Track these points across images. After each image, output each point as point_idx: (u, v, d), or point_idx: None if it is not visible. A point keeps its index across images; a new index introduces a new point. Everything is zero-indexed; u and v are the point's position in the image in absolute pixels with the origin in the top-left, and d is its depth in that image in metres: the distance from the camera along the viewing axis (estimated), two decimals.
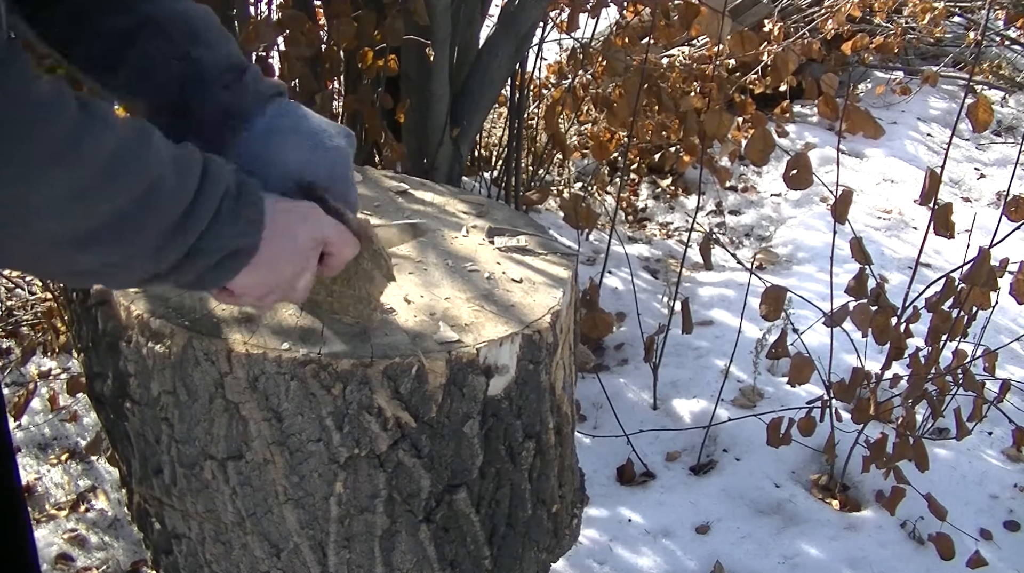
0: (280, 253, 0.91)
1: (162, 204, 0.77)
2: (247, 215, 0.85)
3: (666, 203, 4.15)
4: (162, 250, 0.79)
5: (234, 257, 0.86)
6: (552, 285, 1.27)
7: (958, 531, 2.13)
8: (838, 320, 2.07)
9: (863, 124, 2.02)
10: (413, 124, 2.63)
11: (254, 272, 0.89)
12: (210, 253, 0.83)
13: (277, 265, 0.91)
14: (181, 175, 0.79)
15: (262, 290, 0.92)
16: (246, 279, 0.89)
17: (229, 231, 0.83)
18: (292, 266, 0.93)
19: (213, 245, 0.82)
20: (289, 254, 0.92)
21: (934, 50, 5.61)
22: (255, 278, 0.89)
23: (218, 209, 0.81)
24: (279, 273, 0.92)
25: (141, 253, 0.78)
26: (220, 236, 0.82)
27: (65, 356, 2.68)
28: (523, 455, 1.22)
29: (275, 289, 0.94)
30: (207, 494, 1.14)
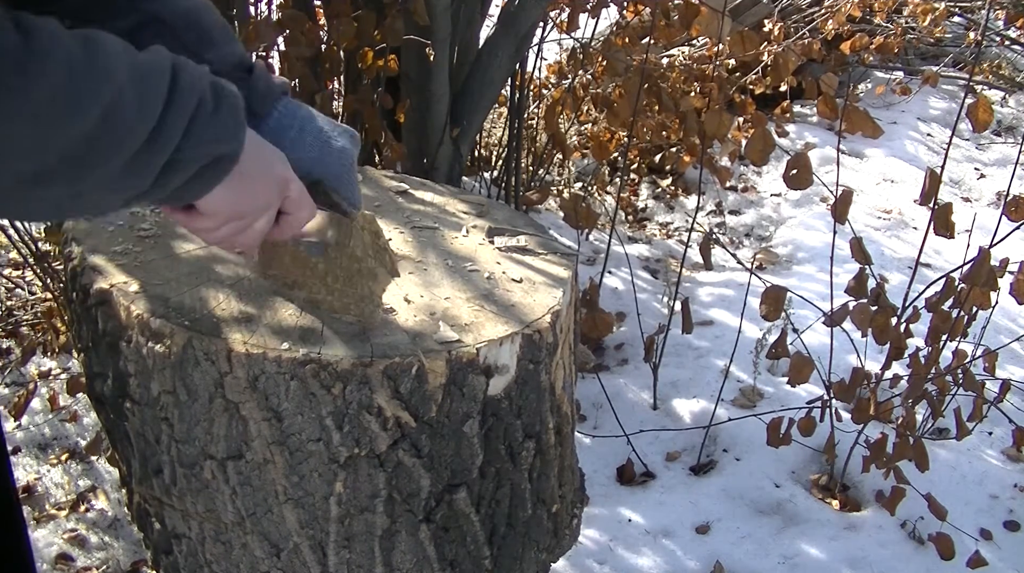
0: (256, 175, 0.88)
1: (124, 123, 0.71)
2: (226, 122, 0.81)
3: (666, 203, 4.15)
4: (133, 170, 0.75)
5: (216, 165, 0.82)
6: (552, 285, 1.27)
7: (958, 531, 2.13)
8: (838, 320, 2.07)
9: (862, 124, 2.02)
10: (413, 124, 2.63)
11: (228, 191, 0.85)
12: (187, 163, 0.78)
13: (252, 188, 0.88)
14: (143, 88, 0.73)
15: (230, 214, 0.88)
16: (218, 198, 0.85)
17: (209, 137, 0.78)
18: (263, 194, 0.90)
19: (191, 154, 0.77)
20: (262, 179, 0.89)
21: (934, 50, 5.61)
22: (228, 198, 0.85)
23: (193, 117, 0.76)
24: (250, 197, 0.88)
25: (111, 178, 0.74)
26: (199, 144, 0.78)
27: (65, 356, 2.68)
28: (523, 455, 1.22)
29: (239, 216, 0.89)
30: (207, 494, 1.14)
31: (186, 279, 1.16)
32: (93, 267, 1.16)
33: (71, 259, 1.21)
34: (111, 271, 1.16)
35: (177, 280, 1.16)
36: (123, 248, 1.22)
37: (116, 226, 1.28)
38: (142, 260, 1.20)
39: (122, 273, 1.16)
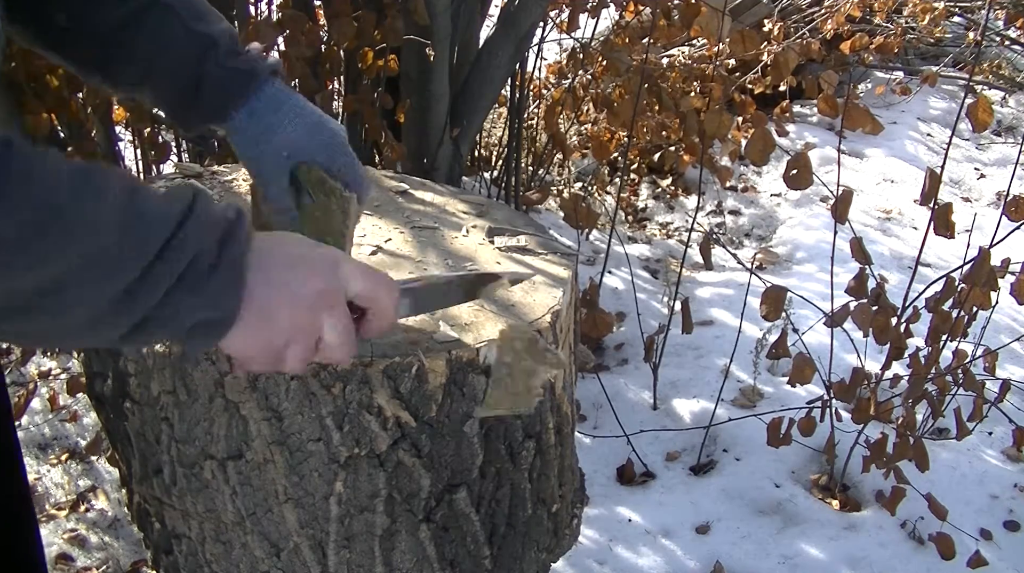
0: (273, 310, 0.78)
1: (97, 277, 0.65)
2: (218, 286, 0.73)
3: (666, 203, 4.15)
4: (100, 325, 0.68)
5: (205, 328, 0.74)
6: (552, 285, 1.27)
7: (958, 531, 2.13)
8: (839, 320, 2.07)
9: (862, 120, 2.02)
10: (413, 124, 2.63)
11: (246, 335, 0.77)
12: (170, 325, 0.71)
13: (273, 323, 0.78)
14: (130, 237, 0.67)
15: (268, 353, 0.80)
16: (239, 344, 0.78)
17: (190, 303, 0.71)
18: (295, 320, 0.79)
19: (171, 314, 0.70)
20: (286, 310, 0.79)
21: (934, 50, 5.61)
22: (250, 341, 0.78)
23: (180, 277, 0.70)
24: (279, 331, 0.79)
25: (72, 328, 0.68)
26: (178, 309, 0.70)
27: (65, 356, 2.68)
28: (523, 455, 1.22)
29: (284, 349, 0.81)
30: (207, 494, 1.14)
31: None
32: None
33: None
34: None
35: None
36: None
37: None
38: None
39: None
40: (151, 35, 1.00)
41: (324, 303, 0.81)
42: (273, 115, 1.04)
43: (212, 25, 1.03)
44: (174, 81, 1.02)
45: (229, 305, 0.74)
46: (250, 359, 0.81)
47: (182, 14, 1.01)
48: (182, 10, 1.01)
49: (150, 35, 1.00)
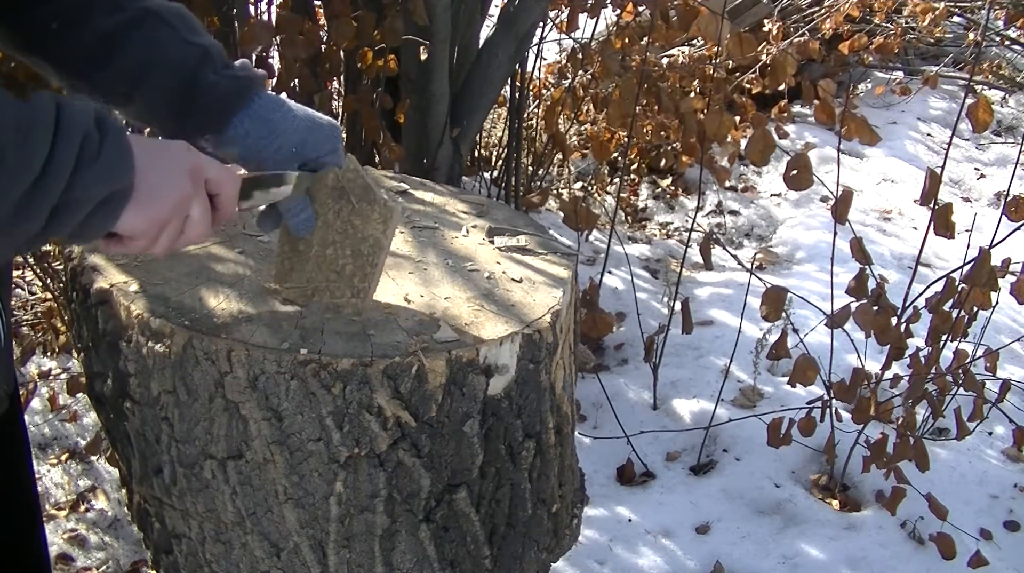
0: (160, 182, 0.87)
1: (7, 168, 0.74)
2: (112, 157, 0.82)
3: (666, 203, 4.15)
4: (22, 215, 0.76)
5: (108, 202, 0.83)
6: (552, 285, 1.27)
7: (958, 531, 2.13)
8: (840, 321, 2.07)
9: (860, 130, 2.02)
10: (413, 124, 2.63)
11: (138, 210, 0.85)
12: (80, 204, 0.79)
13: (161, 196, 0.87)
14: (26, 138, 0.75)
15: (153, 228, 0.88)
16: (132, 220, 0.86)
17: (95, 178, 0.80)
18: (178, 192, 0.89)
19: (80, 195, 0.79)
20: (170, 181, 0.89)
21: (934, 50, 5.61)
22: (141, 216, 0.86)
23: (78, 158, 0.78)
24: (165, 203, 0.88)
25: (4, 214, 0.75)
26: (87, 186, 0.79)
27: (65, 356, 2.68)
28: (523, 455, 1.22)
29: (167, 223, 0.89)
30: (207, 494, 1.14)
31: (186, 279, 1.16)
32: (93, 267, 1.16)
33: (71, 259, 1.21)
34: (111, 271, 1.16)
35: (177, 280, 1.16)
36: None
37: None
38: (142, 260, 1.19)
39: (122, 273, 1.16)
40: (144, 44, 1.01)
41: (197, 178, 0.91)
42: (274, 115, 1.05)
43: (204, 37, 1.05)
44: (168, 90, 1.02)
45: (125, 174, 0.83)
46: (138, 234, 0.87)
47: (175, 25, 1.02)
48: (175, 21, 1.03)
49: (143, 44, 1.01)
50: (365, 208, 1.08)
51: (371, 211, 1.08)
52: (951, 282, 2.04)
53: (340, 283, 1.11)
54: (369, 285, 1.11)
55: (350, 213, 1.09)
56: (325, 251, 1.11)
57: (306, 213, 1.09)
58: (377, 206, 1.08)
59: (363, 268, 1.10)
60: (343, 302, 1.11)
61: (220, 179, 0.95)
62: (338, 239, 1.10)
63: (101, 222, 0.83)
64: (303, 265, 1.12)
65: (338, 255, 1.10)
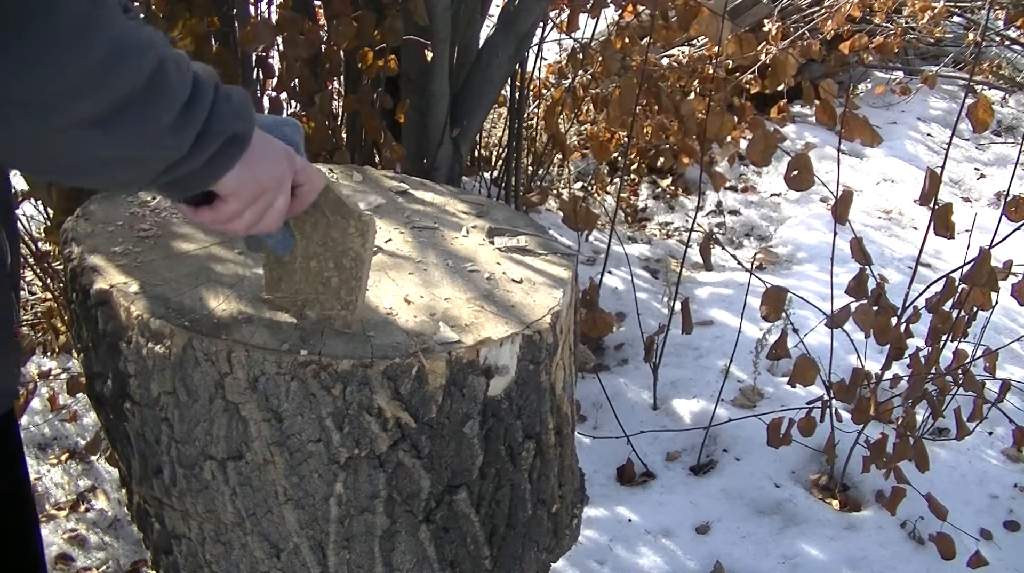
0: (267, 151, 0.94)
1: (171, 82, 0.81)
2: (240, 101, 0.89)
3: (666, 203, 4.15)
4: (177, 130, 0.82)
5: (232, 143, 0.88)
6: (552, 285, 1.27)
7: (958, 531, 2.13)
8: (840, 321, 2.07)
9: (861, 131, 2.01)
10: (413, 124, 2.63)
11: (245, 168, 0.91)
12: (215, 136, 0.86)
13: (267, 162, 0.94)
14: (177, 63, 0.82)
15: (251, 193, 0.94)
16: (238, 176, 0.91)
17: (230, 113, 0.87)
18: (277, 168, 0.96)
19: (216, 127, 0.85)
20: (276, 155, 0.96)
21: (934, 50, 5.61)
22: (247, 174, 0.92)
23: (215, 93, 0.85)
24: (269, 172, 0.94)
25: (159, 133, 0.81)
26: (222, 119, 0.86)
27: (65, 356, 2.68)
28: (523, 455, 1.22)
29: (261, 195, 0.95)
30: (207, 494, 1.14)
31: (186, 279, 1.16)
32: (93, 267, 1.16)
33: (71, 259, 1.21)
34: (111, 271, 1.16)
35: (177, 280, 1.16)
36: (123, 248, 1.22)
37: (116, 226, 1.28)
38: (142, 260, 1.19)
39: (122, 273, 1.16)
40: None
41: (291, 163, 0.98)
42: None
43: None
44: None
45: (250, 118, 0.90)
46: (236, 196, 0.92)
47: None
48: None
49: None
50: (340, 221, 1.07)
51: (347, 224, 1.07)
52: (951, 282, 2.04)
53: (328, 295, 1.10)
54: (356, 298, 1.09)
55: (327, 226, 1.07)
56: (309, 263, 1.10)
57: (282, 232, 1.07)
58: (352, 219, 1.06)
59: (348, 282, 1.09)
60: (333, 314, 1.10)
61: (308, 171, 1.01)
62: (319, 251, 1.09)
63: (223, 162, 0.89)
64: (290, 275, 1.11)
65: (323, 267, 1.09)
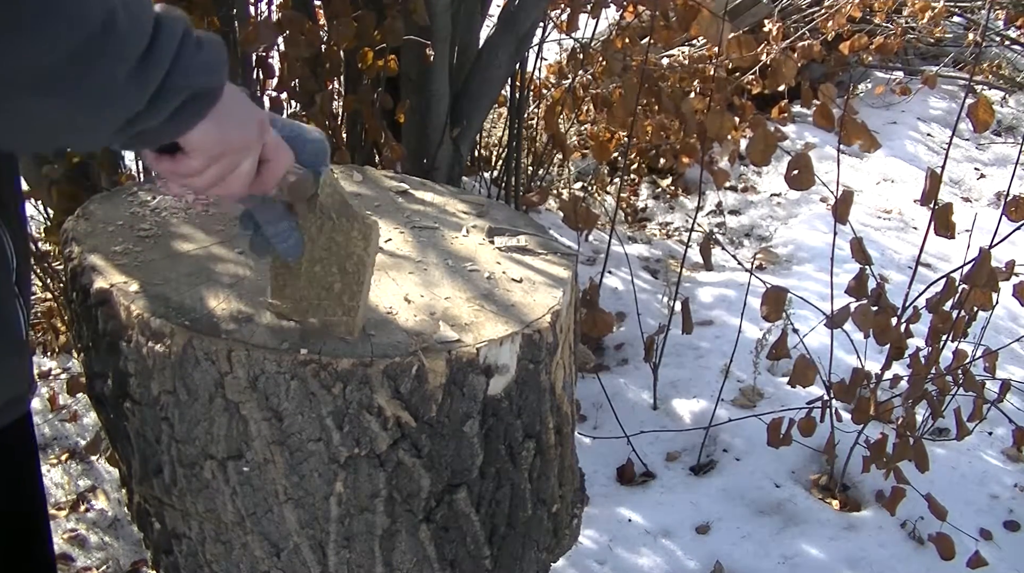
0: (237, 111, 0.90)
1: (121, 35, 0.75)
2: (211, 54, 0.84)
3: (666, 203, 4.15)
4: (132, 85, 0.78)
5: (198, 98, 0.84)
6: (552, 285, 1.27)
7: (958, 531, 2.13)
8: (839, 322, 2.07)
9: (859, 136, 2.01)
10: (413, 124, 2.63)
11: (212, 124, 0.87)
12: (178, 91, 0.81)
13: (235, 122, 0.90)
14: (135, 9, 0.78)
15: (216, 149, 0.89)
16: (204, 131, 0.87)
17: (194, 67, 0.82)
18: (248, 130, 0.92)
19: (180, 82, 0.81)
20: (246, 116, 0.91)
21: (934, 50, 5.61)
22: (213, 131, 0.88)
23: (180, 46, 0.81)
24: (236, 132, 0.90)
25: (112, 86, 0.77)
26: (187, 72, 0.81)
27: (65, 356, 2.68)
28: (523, 455, 1.22)
29: (226, 155, 0.91)
30: (207, 494, 1.14)
31: (186, 279, 1.16)
32: (93, 267, 1.16)
33: (71, 259, 1.21)
34: (111, 271, 1.16)
35: (177, 280, 1.16)
36: (123, 248, 1.22)
37: (116, 226, 1.28)
38: (142, 260, 1.19)
39: (122, 273, 1.16)
40: None
41: (262, 132, 0.93)
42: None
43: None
44: None
45: (220, 73, 0.85)
46: (200, 152, 0.88)
47: None
48: None
49: None
50: (344, 224, 1.06)
51: (350, 228, 1.06)
52: (951, 282, 2.04)
53: (331, 301, 1.09)
54: (358, 303, 1.08)
55: (331, 229, 1.06)
56: (314, 268, 1.09)
57: (294, 238, 1.06)
58: (356, 222, 1.05)
59: (351, 286, 1.08)
60: (336, 320, 1.09)
61: (277, 147, 0.97)
62: (324, 256, 1.08)
63: (187, 118, 0.84)
64: (295, 281, 1.11)
65: (326, 272, 1.08)
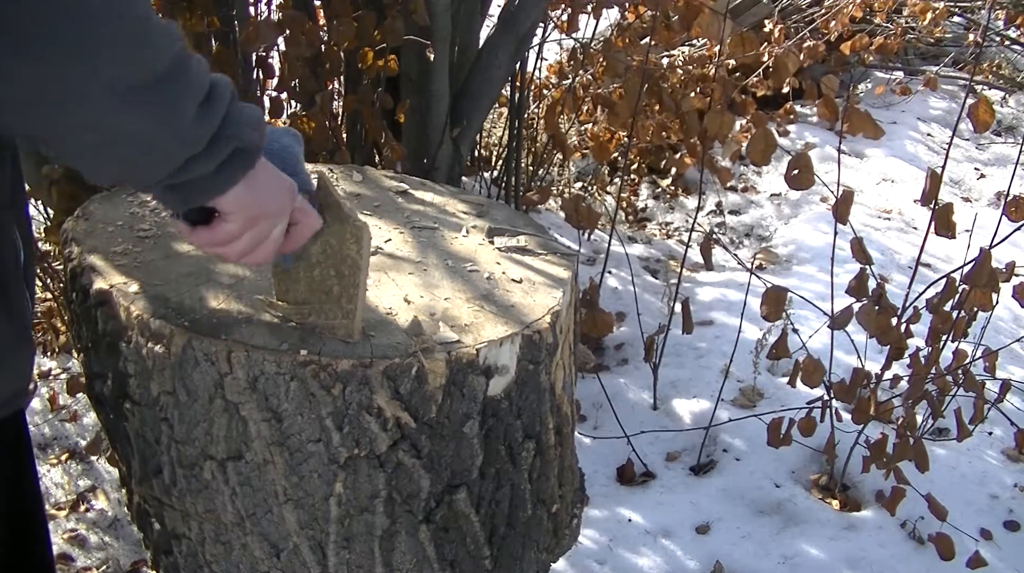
0: (270, 179, 0.94)
1: (193, 73, 0.81)
2: (253, 115, 0.89)
3: (666, 203, 4.15)
4: (199, 120, 0.83)
5: (242, 153, 0.88)
6: (552, 285, 1.27)
7: (958, 531, 2.13)
8: (842, 323, 2.07)
9: (863, 126, 2.01)
10: (413, 124, 2.63)
11: (247, 188, 0.91)
12: (229, 140, 0.86)
13: (270, 189, 0.94)
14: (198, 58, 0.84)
15: (251, 213, 0.93)
16: (240, 196, 0.90)
17: (245, 120, 0.87)
18: (277, 197, 0.96)
19: (231, 131, 0.86)
20: (275, 183, 0.96)
21: (934, 50, 5.61)
22: (248, 195, 0.91)
23: (232, 100, 0.86)
24: (271, 198, 0.95)
25: (183, 121, 0.82)
26: (238, 123, 0.86)
27: (65, 356, 2.68)
28: (523, 455, 1.22)
29: (258, 219, 0.94)
30: (207, 494, 1.14)
31: (186, 279, 1.16)
32: (93, 267, 1.16)
33: (71, 259, 1.21)
34: (111, 271, 1.16)
35: (177, 280, 1.16)
36: (123, 248, 1.22)
37: (116, 226, 1.28)
38: (142, 260, 1.20)
39: (122, 273, 1.16)
40: None
41: (291, 199, 0.98)
42: None
43: None
44: None
45: (261, 130, 0.90)
46: (235, 216, 0.92)
47: None
48: None
49: None
50: (337, 227, 1.06)
51: (343, 230, 1.05)
52: (951, 282, 2.04)
53: (330, 304, 1.09)
54: (355, 306, 1.08)
55: (325, 233, 1.07)
56: (312, 273, 1.09)
57: None
58: (348, 225, 1.05)
59: (348, 289, 1.08)
60: (336, 324, 1.09)
61: (306, 211, 1.02)
62: (321, 259, 1.08)
63: (231, 172, 0.88)
64: (295, 285, 1.11)
65: (325, 276, 1.08)
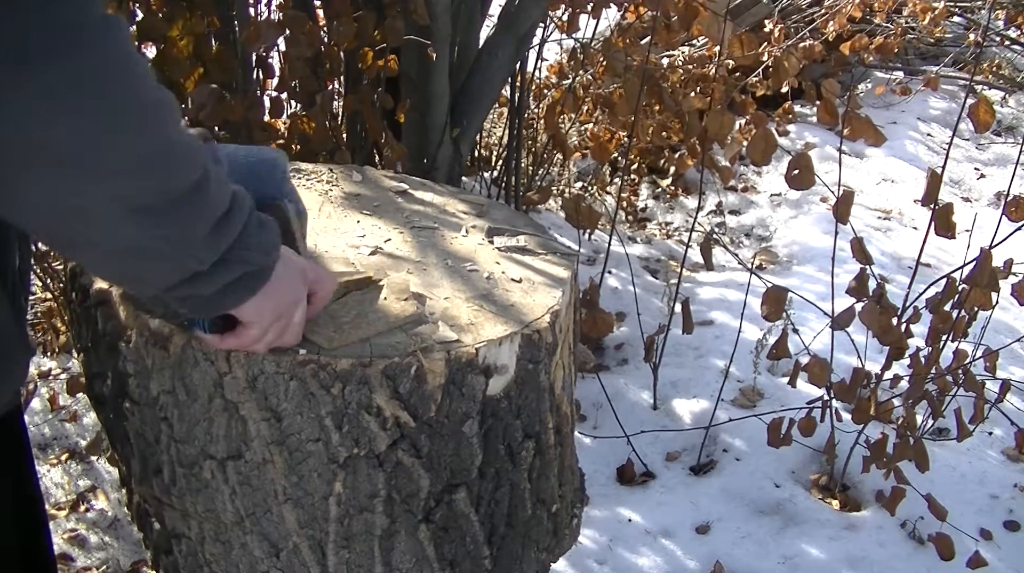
0: (285, 278, 0.96)
1: (211, 195, 0.81)
2: (268, 235, 0.90)
3: (666, 203, 4.15)
4: (207, 242, 0.82)
5: (253, 276, 0.90)
6: (552, 285, 1.27)
7: (958, 531, 2.13)
8: (844, 323, 2.07)
9: (864, 131, 2.01)
10: (413, 124, 2.62)
11: (264, 298, 0.93)
12: (237, 263, 0.86)
13: (285, 291, 0.96)
14: (219, 181, 0.83)
15: (270, 319, 0.96)
16: (258, 305, 0.93)
17: (254, 245, 0.87)
18: (294, 290, 0.98)
19: (240, 255, 0.86)
20: (292, 280, 0.98)
21: (934, 50, 5.61)
22: (267, 304, 0.94)
23: (246, 223, 0.86)
24: (286, 298, 0.97)
25: (191, 238, 0.81)
26: (247, 248, 0.87)
27: (65, 356, 2.68)
28: (523, 455, 1.22)
29: (279, 318, 0.97)
30: (207, 494, 1.14)
31: None
32: None
33: (71, 259, 1.21)
34: None
35: None
36: None
37: None
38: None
39: None
40: None
41: (305, 280, 1.01)
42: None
43: None
44: None
45: (271, 255, 0.91)
46: (256, 323, 0.95)
47: None
48: None
49: None
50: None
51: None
52: (952, 282, 2.04)
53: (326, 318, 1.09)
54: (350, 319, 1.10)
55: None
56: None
57: None
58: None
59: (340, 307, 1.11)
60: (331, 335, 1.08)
61: (319, 278, 1.05)
62: None
63: (241, 293, 0.90)
64: None
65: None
